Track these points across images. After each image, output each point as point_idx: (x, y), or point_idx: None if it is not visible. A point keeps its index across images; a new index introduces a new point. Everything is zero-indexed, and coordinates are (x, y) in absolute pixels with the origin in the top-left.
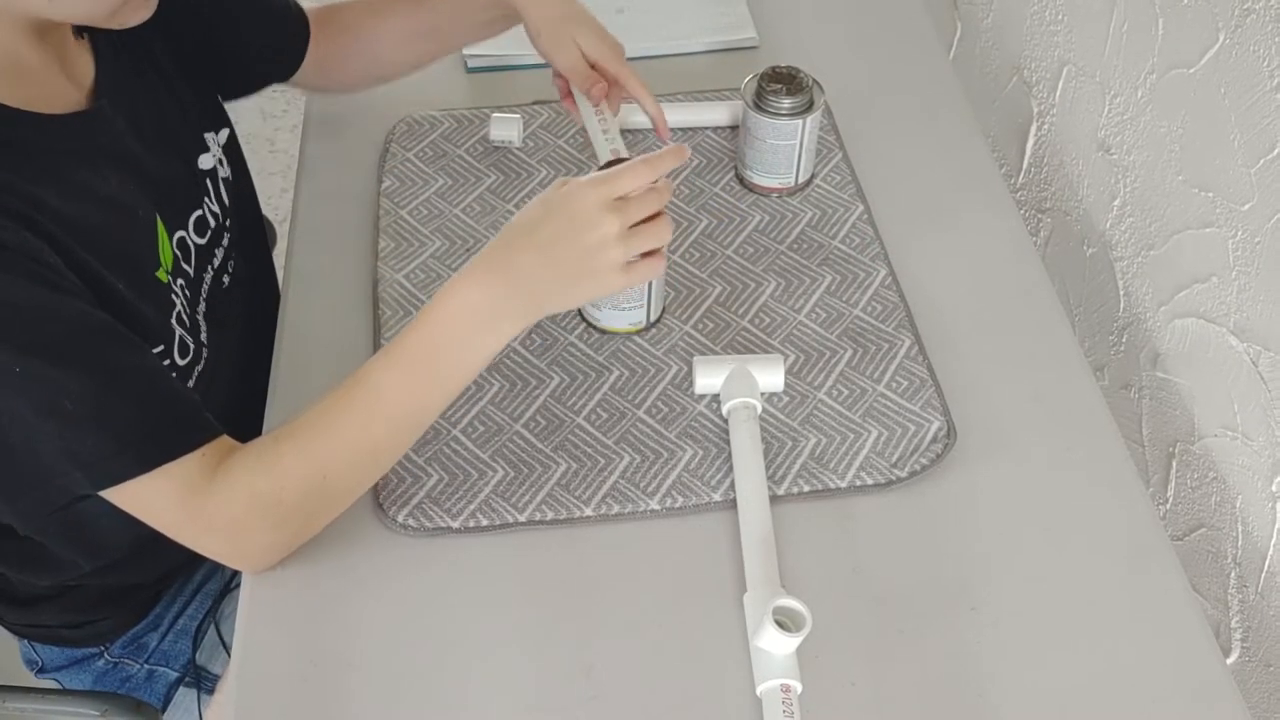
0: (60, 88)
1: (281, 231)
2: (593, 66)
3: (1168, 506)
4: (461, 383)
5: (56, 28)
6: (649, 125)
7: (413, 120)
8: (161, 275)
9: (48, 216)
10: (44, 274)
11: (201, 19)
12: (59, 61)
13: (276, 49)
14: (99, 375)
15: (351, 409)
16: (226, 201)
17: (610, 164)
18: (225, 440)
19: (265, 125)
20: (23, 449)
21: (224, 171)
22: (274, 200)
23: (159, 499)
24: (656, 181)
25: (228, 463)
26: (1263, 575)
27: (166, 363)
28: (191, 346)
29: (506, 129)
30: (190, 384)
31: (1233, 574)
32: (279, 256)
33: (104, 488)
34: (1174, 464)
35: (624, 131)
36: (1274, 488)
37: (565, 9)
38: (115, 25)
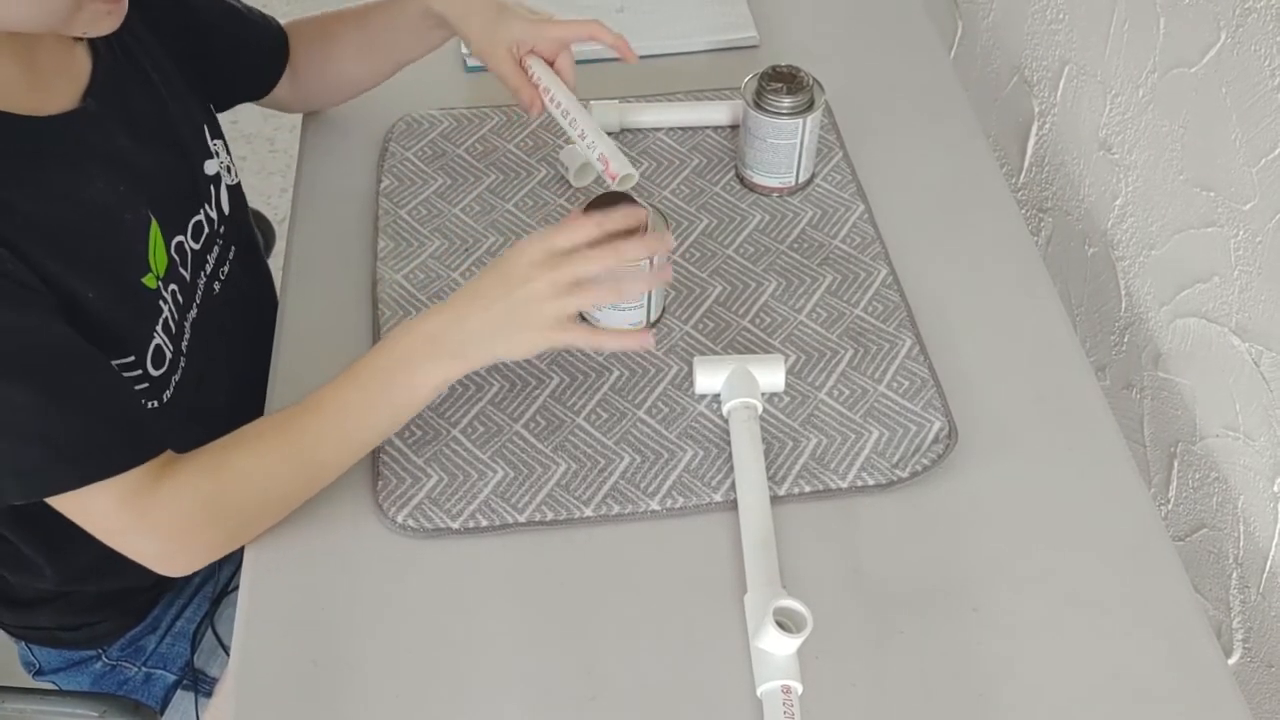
0: (55, 91)
1: (281, 231)
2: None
3: (1169, 507)
4: (407, 409)
5: (42, 34)
6: (649, 125)
7: (411, 119)
8: (149, 281)
9: (14, 221)
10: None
11: (194, 32)
12: (54, 65)
13: (258, 66)
14: (45, 391)
15: (304, 424)
16: (226, 210)
17: (600, 197)
18: (170, 454)
19: (265, 125)
20: None
21: (229, 179)
22: (274, 200)
23: (99, 505)
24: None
25: (175, 466)
26: (1264, 576)
27: (137, 373)
28: (169, 355)
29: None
30: (169, 393)
31: (1234, 575)
32: (278, 256)
33: (34, 498)
34: (1175, 464)
35: (624, 131)
36: (1276, 488)
37: (491, 11)
38: (77, 33)
